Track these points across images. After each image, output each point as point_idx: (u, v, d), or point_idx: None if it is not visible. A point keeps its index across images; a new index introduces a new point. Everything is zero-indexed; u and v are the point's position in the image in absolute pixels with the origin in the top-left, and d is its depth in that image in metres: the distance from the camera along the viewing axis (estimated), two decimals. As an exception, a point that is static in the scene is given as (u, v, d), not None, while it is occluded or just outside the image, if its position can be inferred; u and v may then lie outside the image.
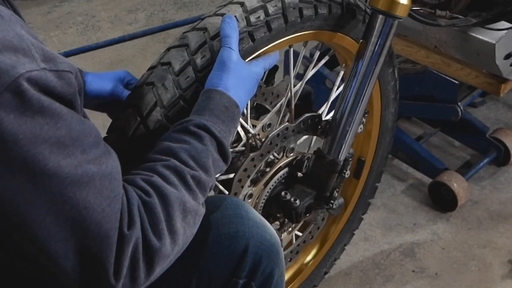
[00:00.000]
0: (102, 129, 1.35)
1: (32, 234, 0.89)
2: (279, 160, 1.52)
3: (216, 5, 1.38)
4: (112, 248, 0.92)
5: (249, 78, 1.25)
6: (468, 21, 1.76)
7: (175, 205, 1.01)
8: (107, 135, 1.25)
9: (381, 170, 1.89)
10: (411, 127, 2.65)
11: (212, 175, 1.10)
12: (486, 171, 2.47)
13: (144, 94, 1.24)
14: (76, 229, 0.90)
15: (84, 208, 0.90)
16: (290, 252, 1.72)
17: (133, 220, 0.96)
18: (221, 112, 1.15)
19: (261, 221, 1.25)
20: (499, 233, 2.23)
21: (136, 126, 1.23)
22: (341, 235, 1.90)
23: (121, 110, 1.26)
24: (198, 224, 1.07)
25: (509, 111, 2.75)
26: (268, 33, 1.33)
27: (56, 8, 3.50)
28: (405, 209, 2.32)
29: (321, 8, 1.41)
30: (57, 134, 0.87)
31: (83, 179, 0.90)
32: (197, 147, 1.08)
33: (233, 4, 1.33)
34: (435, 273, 2.10)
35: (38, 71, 0.86)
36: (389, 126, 1.80)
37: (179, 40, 1.29)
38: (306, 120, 1.50)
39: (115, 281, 0.93)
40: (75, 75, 0.93)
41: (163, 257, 0.99)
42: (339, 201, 1.54)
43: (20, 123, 0.84)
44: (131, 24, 3.36)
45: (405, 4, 1.40)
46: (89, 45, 3.14)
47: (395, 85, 1.73)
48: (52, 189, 0.87)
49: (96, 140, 0.94)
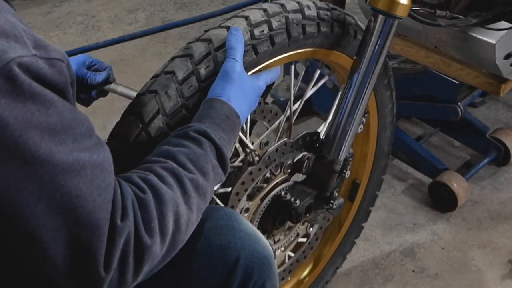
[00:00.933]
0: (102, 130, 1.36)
1: (23, 223, 0.88)
2: (276, 176, 1.52)
3: (216, 5, 1.39)
4: (103, 239, 0.91)
5: (251, 90, 1.26)
6: (468, 21, 1.76)
7: (169, 205, 1.00)
8: (108, 141, 1.25)
9: (376, 194, 1.89)
10: (411, 127, 2.65)
11: (210, 180, 1.09)
12: (486, 171, 2.47)
13: (146, 102, 1.25)
14: (67, 218, 0.89)
15: (75, 197, 0.89)
16: (283, 271, 1.71)
17: (126, 212, 0.95)
18: (222, 121, 1.15)
19: (254, 232, 1.24)
20: (499, 233, 2.23)
21: (138, 133, 1.24)
22: (333, 258, 1.89)
23: (123, 116, 1.27)
24: (190, 230, 1.06)
25: (509, 111, 2.75)
26: (271, 47, 1.35)
27: (56, 8, 3.50)
28: (405, 209, 2.32)
29: (324, 26, 1.44)
30: (48, 120, 0.87)
31: (75, 167, 0.89)
32: (196, 151, 1.08)
33: (238, 17, 1.35)
34: (435, 273, 2.10)
35: (29, 57, 0.86)
36: (384, 149, 1.80)
37: (183, 50, 1.31)
38: (305, 137, 1.51)
39: (105, 273, 0.92)
40: (66, 64, 0.92)
41: (152, 256, 0.98)
42: (339, 201, 1.54)
43: (11, 108, 0.84)
44: (131, 24, 3.37)
45: (405, 4, 1.40)
46: (89, 45, 3.14)
47: (392, 109, 1.74)
48: (43, 175, 0.87)
49: (88, 131, 0.93)
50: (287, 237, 1.65)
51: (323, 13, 1.44)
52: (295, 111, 1.54)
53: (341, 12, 1.49)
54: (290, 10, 1.39)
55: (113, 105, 2.71)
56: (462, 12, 1.78)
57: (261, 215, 1.53)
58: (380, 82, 1.64)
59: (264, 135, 1.48)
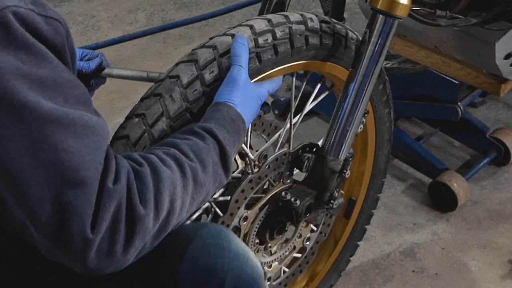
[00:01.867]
0: (102, 129, 1.37)
1: (9, 176, 0.87)
2: (275, 186, 1.52)
3: (216, 5, 1.40)
4: (90, 198, 0.89)
5: (255, 97, 1.27)
6: (468, 21, 1.76)
7: (166, 183, 0.98)
8: (111, 143, 1.27)
9: (371, 213, 1.89)
10: (411, 127, 2.65)
11: (209, 174, 1.08)
12: (486, 171, 2.47)
13: (151, 105, 1.27)
14: (53, 173, 0.87)
15: (62, 150, 0.87)
16: (279, 284, 1.71)
17: (119, 177, 0.93)
18: (227, 123, 1.16)
19: (244, 252, 1.20)
20: (499, 233, 2.23)
21: (141, 135, 1.25)
22: (328, 275, 1.88)
23: (127, 118, 1.29)
24: (184, 215, 1.04)
25: (509, 111, 2.75)
26: (275, 56, 1.38)
27: (56, 8, 3.48)
28: (405, 209, 2.32)
29: (326, 39, 1.46)
30: (39, 72, 0.86)
31: (63, 119, 0.87)
32: (199, 144, 1.08)
33: (243, 26, 1.38)
34: (435, 273, 2.10)
35: (26, 10, 0.85)
36: (381, 167, 1.81)
37: (188, 56, 1.33)
38: (304, 148, 1.51)
39: (91, 234, 0.89)
40: (65, 28, 0.91)
41: (144, 229, 0.95)
42: (339, 201, 1.54)
43: (2, 54, 0.83)
44: (131, 24, 3.36)
45: (405, 4, 1.40)
46: (89, 45, 3.13)
47: (390, 127, 1.75)
48: (31, 124, 0.85)
49: (83, 98, 0.91)
50: (283, 249, 1.65)
51: (325, 26, 1.47)
52: (295, 124, 1.54)
53: (343, 27, 1.52)
54: (294, 21, 1.42)
55: (113, 105, 2.72)
56: (462, 12, 1.78)
57: (259, 224, 1.53)
58: (378, 99, 1.65)
59: (264, 147, 1.50)
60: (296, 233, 1.66)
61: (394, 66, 2.41)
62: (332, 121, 1.50)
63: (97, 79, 1.49)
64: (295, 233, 1.66)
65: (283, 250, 1.65)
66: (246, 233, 1.52)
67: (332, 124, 1.50)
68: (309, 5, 3.48)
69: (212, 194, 1.13)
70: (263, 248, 1.59)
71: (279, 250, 1.64)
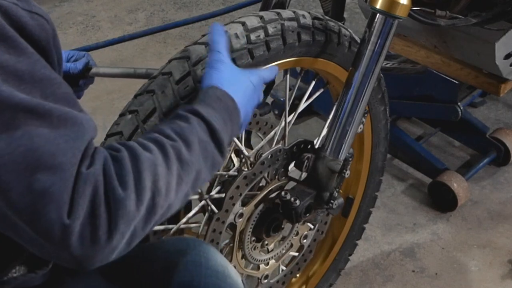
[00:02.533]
0: (102, 129, 1.36)
1: None
2: (270, 183, 1.52)
3: (216, 5, 1.41)
4: (67, 184, 0.87)
5: (243, 79, 1.22)
6: (468, 21, 1.76)
7: (145, 163, 0.95)
8: (106, 139, 1.28)
9: (369, 211, 1.89)
10: (411, 127, 2.65)
11: (195, 152, 1.03)
12: (486, 171, 2.47)
13: (144, 101, 1.29)
14: (29, 159, 0.86)
15: (36, 136, 0.86)
16: (277, 282, 1.71)
17: (93, 162, 0.91)
18: (213, 101, 1.11)
19: (223, 269, 1.18)
20: (499, 233, 2.23)
21: (134, 130, 1.27)
22: (327, 274, 1.89)
23: (121, 115, 1.30)
24: (172, 196, 0.99)
25: (509, 111, 2.75)
26: (267, 52, 1.38)
27: (56, 8, 3.50)
28: (405, 209, 2.32)
29: (318, 35, 1.47)
30: (16, 66, 0.85)
31: (38, 109, 0.86)
32: (181, 124, 1.05)
33: (235, 23, 1.39)
34: (435, 273, 2.10)
35: (10, 3, 0.85)
36: (378, 165, 1.81)
37: (181, 53, 1.34)
38: (299, 145, 1.51)
39: (68, 220, 0.87)
40: (51, 27, 0.90)
41: (127, 212, 0.91)
42: (339, 201, 1.54)
43: None
44: (131, 24, 3.36)
45: (405, 4, 1.40)
46: (89, 45, 3.14)
47: (386, 124, 1.75)
48: (4, 112, 0.84)
49: (67, 98, 0.89)
50: (280, 247, 1.65)
51: (318, 22, 1.48)
52: (290, 122, 1.54)
53: (336, 24, 1.52)
54: (286, 18, 1.43)
55: (113, 105, 2.71)
56: (462, 12, 1.78)
57: (255, 221, 1.53)
58: (374, 96, 1.65)
59: (260, 145, 1.50)
60: (292, 231, 1.66)
61: (394, 66, 2.41)
62: (331, 120, 1.50)
63: (85, 80, 1.49)
64: (291, 231, 1.66)
65: (280, 248, 1.65)
66: (242, 230, 1.52)
67: (331, 123, 1.50)
68: (309, 5, 3.49)
69: (208, 174, 1.08)
70: (260, 245, 1.59)
71: (276, 247, 1.64)
